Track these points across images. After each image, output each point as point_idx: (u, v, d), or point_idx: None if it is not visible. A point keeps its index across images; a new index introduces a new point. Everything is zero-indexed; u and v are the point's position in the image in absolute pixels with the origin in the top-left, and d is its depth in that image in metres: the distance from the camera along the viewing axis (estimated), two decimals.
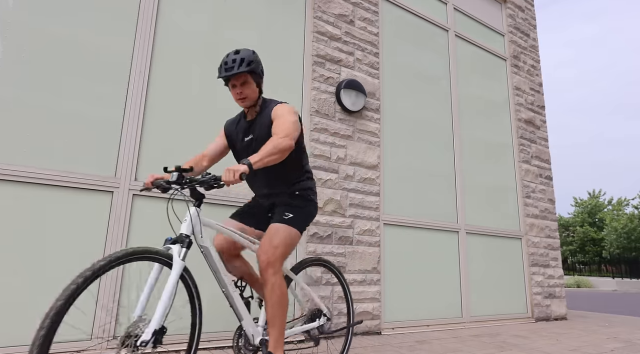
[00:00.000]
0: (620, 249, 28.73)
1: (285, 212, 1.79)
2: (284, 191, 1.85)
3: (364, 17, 3.97)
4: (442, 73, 4.66)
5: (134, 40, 2.75)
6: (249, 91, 1.77)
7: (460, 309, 4.05)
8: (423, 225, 3.98)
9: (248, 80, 1.75)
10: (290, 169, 1.85)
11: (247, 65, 1.72)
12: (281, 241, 1.70)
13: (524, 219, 4.92)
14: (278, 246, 1.68)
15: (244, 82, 1.75)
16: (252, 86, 1.78)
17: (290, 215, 1.78)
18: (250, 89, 1.77)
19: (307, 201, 1.87)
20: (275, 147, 1.56)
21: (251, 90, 1.77)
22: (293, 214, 1.79)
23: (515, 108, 5.27)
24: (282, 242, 1.70)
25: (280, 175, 1.84)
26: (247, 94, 1.77)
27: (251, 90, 1.77)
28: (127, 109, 2.64)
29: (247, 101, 1.78)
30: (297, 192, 1.85)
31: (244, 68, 1.71)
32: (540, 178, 5.27)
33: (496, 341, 3.21)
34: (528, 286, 4.72)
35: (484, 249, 4.47)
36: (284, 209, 1.81)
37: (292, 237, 1.75)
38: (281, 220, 1.76)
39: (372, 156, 3.72)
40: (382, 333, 3.38)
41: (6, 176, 2.20)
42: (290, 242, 1.74)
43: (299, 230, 1.79)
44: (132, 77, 2.69)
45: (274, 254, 1.65)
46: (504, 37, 5.54)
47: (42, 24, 2.45)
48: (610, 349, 2.97)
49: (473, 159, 4.69)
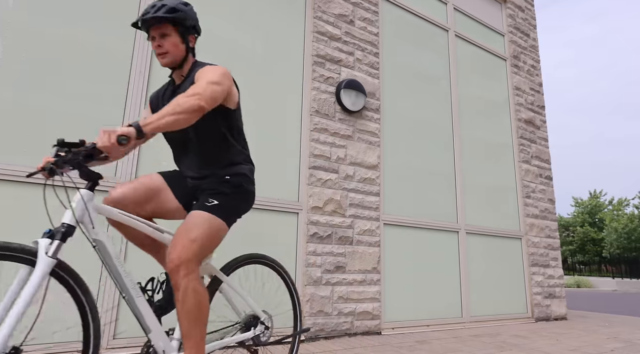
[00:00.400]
0: (620, 249, 28.73)
1: (210, 198, 1.47)
2: (213, 174, 1.54)
3: (364, 17, 3.97)
4: (442, 73, 4.65)
5: (134, 40, 2.75)
6: (169, 46, 1.47)
7: (460, 309, 4.05)
8: (423, 225, 3.97)
9: (169, 32, 1.47)
10: (222, 150, 1.55)
11: (169, 12, 1.43)
12: (200, 234, 1.36)
13: (524, 219, 4.92)
14: (195, 239, 1.34)
15: (164, 34, 1.47)
16: (175, 40, 1.48)
17: (215, 202, 1.45)
18: (170, 43, 1.47)
19: (238, 188, 1.54)
20: (177, 106, 1.25)
21: (172, 44, 1.47)
22: (218, 202, 1.46)
23: (515, 108, 5.27)
24: (202, 234, 1.36)
25: (210, 155, 1.54)
26: (167, 48, 1.47)
27: (172, 44, 1.47)
28: (127, 109, 2.64)
29: (168, 57, 1.48)
30: (228, 177, 1.54)
31: (163, 14, 1.42)
32: (540, 178, 5.27)
33: (496, 341, 3.21)
34: (528, 286, 4.72)
35: (484, 249, 4.47)
36: (209, 194, 1.49)
37: (215, 229, 1.42)
38: (203, 207, 1.44)
39: (372, 156, 3.71)
40: (382, 333, 3.38)
41: (6, 176, 2.20)
42: (213, 235, 1.41)
43: (225, 221, 1.46)
44: (132, 77, 2.69)
45: (189, 250, 1.31)
46: (504, 37, 5.54)
47: (42, 24, 2.45)
48: (610, 349, 2.97)
49: (473, 159, 4.69)
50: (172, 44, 1.48)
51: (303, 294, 3.07)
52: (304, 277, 3.11)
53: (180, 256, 1.30)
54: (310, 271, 3.12)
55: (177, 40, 1.49)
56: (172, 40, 1.48)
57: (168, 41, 1.48)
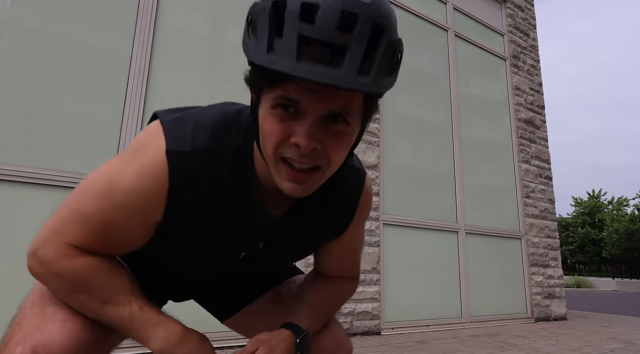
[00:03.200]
0: (621, 250, 28.73)
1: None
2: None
3: None
4: (441, 73, 4.65)
5: (133, 39, 2.75)
6: (336, 147, 0.56)
7: (460, 309, 4.05)
8: (423, 225, 3.97)
9: (352, 114, 0.56)
10: None
11: (392, 70, 0.56)
12: None
13: (523, 219, 4.92)
14: None
15: (342, 114, 0.54)
16: (352, 136, 0.59)
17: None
18: (342, 141, 0.57)
19: None
20: (344, 300, 0.88)
21: (342, 148, 0.57)
22: None
23: (515, 108, 5.27)
24: None
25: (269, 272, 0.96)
26: (330, 155, 0.56)
27: (342, 148, 0.57)
28: (126, 108, 2.63)
29: (315, 179, 0.58)
30: None
31: (374, 80, 0.51)
32: (540, 178, 5.27)
33: (496, 341, 3.21)
34: (528, 286, 4.71)
35: (484, 249, 4.47)
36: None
37: None
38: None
39: (372, 155, 3.71)
40: (382, 333, 3.38)
41: (6, 176, 2.19)
42: None
43: None
44: (131, 77, 2.69)
45: None
46: (504, 37, 5.53)
47: (40, 24, 2.45)
48: (610, 349, 2.97)
49: (473, 159, 4.69)
50: (340, 150, 0.59)
51: None
52: None
53: None
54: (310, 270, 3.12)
55: (352, 137, 0.61)
56: (346, 140, 0.60)
57: (338, 141, 0.57)
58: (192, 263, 0.77)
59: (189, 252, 0.73)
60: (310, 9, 0.48)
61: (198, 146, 0.61)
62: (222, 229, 0.69)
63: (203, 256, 0.74)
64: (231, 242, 0.71)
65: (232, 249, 0.73)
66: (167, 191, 0.61)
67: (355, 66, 0.49)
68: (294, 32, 0.48)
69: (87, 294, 0.62)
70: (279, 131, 0.54)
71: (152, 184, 0.60)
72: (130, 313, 0.62)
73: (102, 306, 0.62)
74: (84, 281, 0.62)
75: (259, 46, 0.51)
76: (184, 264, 0.79)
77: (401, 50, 0.56)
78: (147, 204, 0.61)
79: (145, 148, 0.62)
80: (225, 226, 0.68)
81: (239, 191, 0.66)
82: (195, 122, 0.64)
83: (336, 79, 0.48)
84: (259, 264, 0.81)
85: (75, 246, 0.62)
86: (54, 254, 0.61)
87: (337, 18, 0.48)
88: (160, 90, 2.80)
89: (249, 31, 0.54)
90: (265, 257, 0.77)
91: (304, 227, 0.74)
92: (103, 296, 0.62)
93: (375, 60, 0.51)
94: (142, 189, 0.60)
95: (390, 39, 0.52)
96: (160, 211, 0.62)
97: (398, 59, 0.56)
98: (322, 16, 0.48)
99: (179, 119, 0.64)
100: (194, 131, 0.62)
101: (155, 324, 0.62)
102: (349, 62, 0.48)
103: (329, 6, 0.48)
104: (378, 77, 0.52)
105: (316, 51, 0.48)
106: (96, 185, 0.63)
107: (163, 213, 0.63)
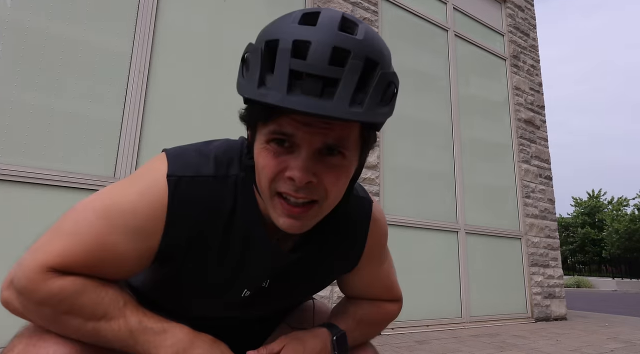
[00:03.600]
0: (621, 250, 28.74)
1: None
2: None
3: (363, 17, 3.96)
4: (442, 73, 4.65)
5: (133, 39, 2.75)
6: (333, 180, 0.55)
7: (460, 309, 4.05)
8: (423, 225, 3.97)
9: (348, 147, 0.55)
10: None
11: (384, 102, 0.53)
12: None
13: (523, 219, 4.92)
14: None
15: (337, 147, 0.54)
16: (349, 169, 0.58)
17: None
18: (339, 174, 0.56)
19: None
20: (385, 321, 0.83)
21: (339, 181, 0.57)
22: None
23: (515, 108, 5.27)
24: None
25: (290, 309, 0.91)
26: (327, 188, 0.55)
27: (339, 181, 0.57)
28: (126, 108, 2.63)
29: (312, 214, 0.57)
30: None
31: (365, 113, 0.50)
32: (540, 178, 5.27)
33: (496, 341, 3.21)
34: (528, 286, 4.71)
35: (484, 249, 4.47)
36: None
37: None
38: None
39: (372, 155, 3.71)
40: (382, 333, 3.38)
41: (6, 176, 2.19)
42: None
43: None
44: (131, 77, 2.69)
45: None
46: (504, 37, 5.54)
47: (40, 24, 2.45)
48: (610, 349, 2.97)
49: (473, 159, 4.69)
50: (340, 181, 0.58)
51: None
52: None
53: None
54: None
55: (352, 167, 0.60)
56: (345, 171, 0.58)
57: (334, 173, 0.57)
58: (191, 302, 0.71)
59: (185, 288, 0.68)
60: (302, 46, 0.49)
61: (200, 173, 0.61)
62: (222, 262, 0.64)
63: (201, 291, 0.68)
64: (232, 278, 0.66)
65: (233, 285, 0.68)
66: (166, 216, 0.58)
67: (347, 97, 0.48)
68: (285, 66, 0.48)
69: (76, 316, 0.56)
70: (273, 165, 0.54)
71: (152, 207, 0.58)
72: (129, 328, 0.57)
73: (96, 324, 0.57)
74: (71, 302, 0.56)
75: (250, 82, 0.51)
76: (183, 306, 0.73)
77: (396, 83, 0.55)
78: (145, 228, 0.58)
79: (147, 172, 0.61)
80: (225, 259, 0.64)
81: (242, 222, 0.63)
82: (199, 152, 0.64)
83: (328, 110, 0.47)
84: (264, 306, 0.75)
85: (58, 269, 0.56)
86: (34, 280, 0.55)
87: (329, 53, 0.48)
88: (161, 90, 2.80)
89: (243, 70, 0.55)
90: (270, 296, 0.72)
91: (311, 263, 0.71)
92: (95, 313, 0.57)
93: (369, 92, 0.50)
94: (142, 211, 0.58)
95: (384, 72, 0.52)
96: (158, 237, 0.59)
97: (393, 91, 0.55)
98: (313, 52, 0.48)
99: (182, 148, 0.65)
100: (197, 159, 0.62)
101: (159, 334, 0.58)
102: (341, 94, 0.48)
103: (320, 42, 0.48)
104: (372, 107, 0.50)
105: (307, 84, 0.48)
106: (94, 206, 0.59)
107: (160, 239, 0.60)
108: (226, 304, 0.71)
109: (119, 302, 0.58)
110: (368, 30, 0.53)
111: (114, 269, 0.59)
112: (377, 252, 0.77)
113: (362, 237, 0.73)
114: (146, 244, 0.59)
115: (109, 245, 0.57)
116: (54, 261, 0.55)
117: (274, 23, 0.54)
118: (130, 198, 0.58)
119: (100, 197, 0.60)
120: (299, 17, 0.52)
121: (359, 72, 0.49)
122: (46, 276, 0.55)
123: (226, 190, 0.62)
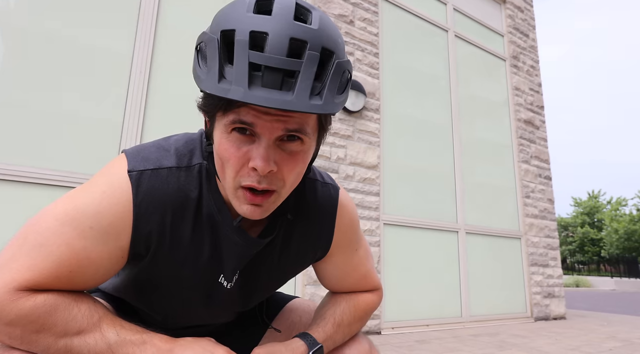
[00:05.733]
0: (619, 250, 28.79)
1: None
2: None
3: (363, 17, 3.97)
4: (441, 73, 4.66)
5: (134, 40, 2.76)
6: (291, 167, 0.57)
7: (460, 309, 4.06)
8: (423, 225, 3.98)
9: (307, 133, 0.56)
10: None
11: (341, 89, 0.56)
12: None
13: (523, 219, 4.93)
14: None
15: (296, 134, 0.55)
16: (308, 154, 0.59)
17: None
18: (297, 161, 0.57)
19: None
20: (367, 314, 0.81)
21: (296, 167, 0.58)
22: None
23: (514, 108, 5.28)
24: None
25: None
26: (285, 177, 0.57)
27: (296, 167, 0.58)
28: (127, 109, 2.64)
29: (272, 201, 0.58)
30: None
31: (327, 102, 0.52)
32: (539, 178, 5.28)
33: (495, 341, 3.21)
34: (527, 286, 4.73)
35: (484, 249, 4.48)
36: None
37: None
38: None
39: (372, 156, 3.72)
40: (382, 332, 3.39)
41: (6, 176, 2.20)
42: None
43: None
44: (132, 77, 2.69)
45: None
46: (504, 37, 5.55)
47: (41, 24, 2.45)
48: (609, 348, 2.98)
49: (473, 159, 4.70)
50: (298, 166, 0.60)
51: (303, 293, 3.08)
52: (304, 277, 3.11)
53: None
54: (311, 270, 3.12)
55: (310, 152, 0.62)
56: (303, 157, 0.59)
57: (294, 160, 0.58)
58: (170, 302, 0.71)
59: (162, 285, 0.68)
60: (260, 37, 0.49)
61: (162, 165, 0.61)
62: (194, 251, 0.65)
63: (177, 285, 0.67)
64: (206, 266, 0.67)
65: (208, 274, 0.68)
66: (133, 212, 0.58)
67: (307, 89, 0.50)
68: (244, 60, 0.48)
69: (48, 334, 0.54)
70: (237, 158, 0.54)
71: (117, 204, 0.57)
72: (107, 341, 0.55)
73: (69, 341, 0.54)
74: (43, 321, 0.53)
75: (210, 75, 0.50)
76: (162, 308, 0.73)
77: (350, 70, 0.57)
78: (113, 227, 0.57)
79: (108, 172, 0.60)
80: (198, 248, 0.65)
81: (210, 210, 0.64)
82: (158, 146, 0.64)
83: (290, 104, 0.48)
84: (241, 299, 0.75)
85: (28, 287, 0.53)
86: (2, 302, 0.51)
87: (287, 45, 0.49)
88: (162, 90, 2.80)
89: (199, 60, 0.54)
90: (246, 286, 0.73)
91: (282, 249, 0.72)
92: (69, 329, 0.54)
93: (326, 82, 0.52)
94: (107, 211, 0.56)
95: (339, 61, 0.54)
96: (128, 234, 0.58)
97: (347, 78, 0.57)
98: (271, 44, 0.49)
99: (141, 145, 0.64)
100: (157, 153, 0.62)
101: (138, 345, 0.57)
102: (301, 86, 0.49)
103: (277, 34, 0.49)
104: (330, 98, 0.52)
105: (267, 77, 0.49)
106: (55, 212, 0.56)
107: (130, 237, 0.59)
108: (204, 300, 0.71)
109: (93, 316, 0.56)
110: (322, 18, 0.54)
111: (87, 276, 0.57)
112: (348, 238, 0.77)
113: (331, 222, 0.74)
114: (117, 244, 0.58)
115: (78, 252, 0.55)
116: (22, 279, 0.52)
117: (227, 10, 0.53)
118: (93, 199, 0.56)
119: (62, 202, 0.57)
120: (253, 5, 0.52)
121: (316, 63, 0.51)
122: (15, 296, 0.52)
123: (191, 178, 0.62)
